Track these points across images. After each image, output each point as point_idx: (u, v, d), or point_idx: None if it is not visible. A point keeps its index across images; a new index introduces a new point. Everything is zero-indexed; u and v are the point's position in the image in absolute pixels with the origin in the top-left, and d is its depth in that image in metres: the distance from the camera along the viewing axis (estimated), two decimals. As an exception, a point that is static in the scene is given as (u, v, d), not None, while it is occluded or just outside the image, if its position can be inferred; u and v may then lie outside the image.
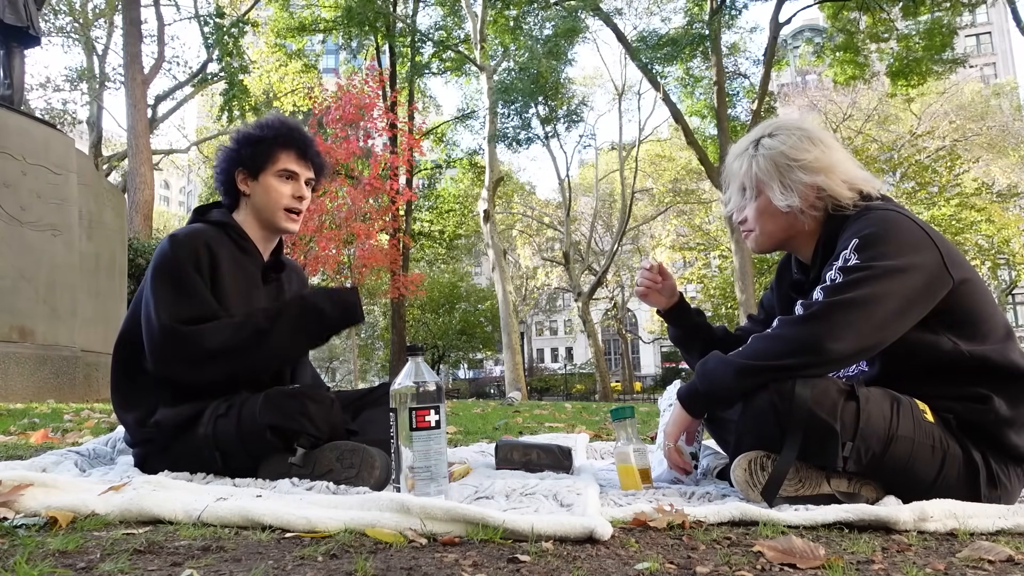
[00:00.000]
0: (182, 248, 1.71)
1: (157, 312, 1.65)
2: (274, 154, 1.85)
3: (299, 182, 1.88)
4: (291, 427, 1.59)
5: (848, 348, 1.38)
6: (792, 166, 1.58)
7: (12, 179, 5.09)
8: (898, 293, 1.39)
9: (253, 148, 1.85)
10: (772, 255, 12.06)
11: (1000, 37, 44.13)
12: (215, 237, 1.78)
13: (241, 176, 1.86)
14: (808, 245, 1.65)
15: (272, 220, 1.87)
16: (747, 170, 1.65)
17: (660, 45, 16.11)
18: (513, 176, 30.03)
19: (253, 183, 1.86)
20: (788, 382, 1.39)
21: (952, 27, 15.49)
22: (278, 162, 1.85)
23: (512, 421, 4.22)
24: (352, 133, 15.15)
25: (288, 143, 1.86)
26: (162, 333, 1.63)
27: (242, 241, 1.84)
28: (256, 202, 1.86)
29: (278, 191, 1.85)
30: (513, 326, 16.83)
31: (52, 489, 1.29)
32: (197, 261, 1.71)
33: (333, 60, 32.60)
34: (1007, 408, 1.44)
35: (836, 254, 1.49)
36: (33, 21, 5.76)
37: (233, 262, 1.79)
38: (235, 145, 1.87)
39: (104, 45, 20.47)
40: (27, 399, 4.71)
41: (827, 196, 1.57)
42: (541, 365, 45.13)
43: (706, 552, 1.11)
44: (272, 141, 1.85)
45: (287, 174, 1.86)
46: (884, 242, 1.43)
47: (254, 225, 1.88)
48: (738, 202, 1.71)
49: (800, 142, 1.59)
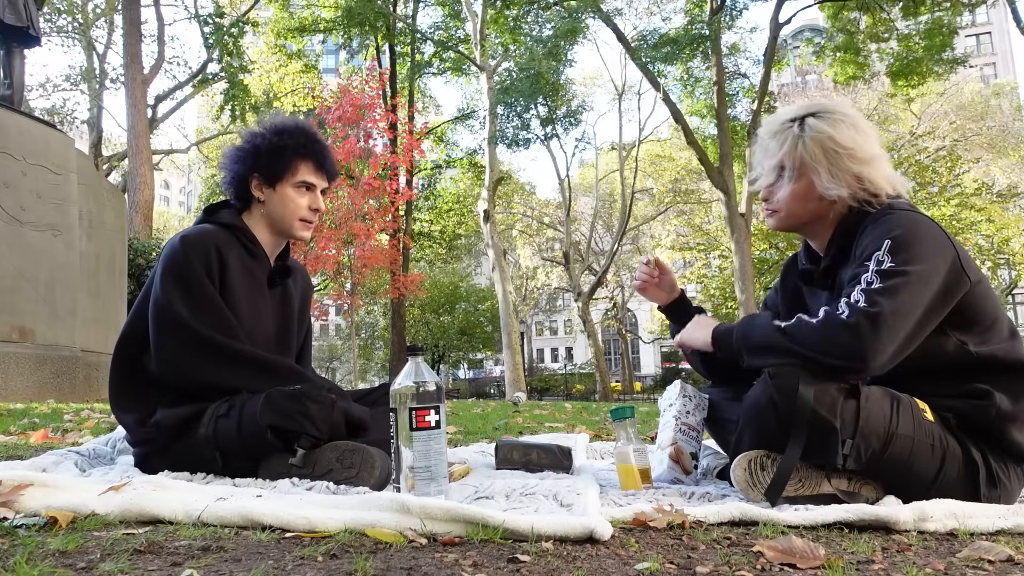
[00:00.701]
0: (193, 249, 1.71)
1: (177, 313, 1.65)
2: (293, 165, 1.83)
3: (316, 193, 1.88)
4: (292, 427, 1.59)
5: (887, 361, 1.38)
6: (841, 153, 1.53)
7: (12, 179, 5.09)
8: (929, 299, 1.39)
9: (272, 157, 1.82)
10: (772, 255, 12.14)
11: (1000, 37, 44.13)
12: (225, 240, 1.77)
13: (256, 182, 1.84)
14: (824, 234, 1.63)
15: (287, 229, 1.87)
16: (790, 150, 1.58)
17: (660, 45, 16.10)
18: (513, 176, 30.01)
19: (268, 191, 1.84)
20: (791, 380, 1.38)
21: (952, 27, 15.49)
22: (297, 173, 1.84)
23: (512, 421, 4.22)
24: (352, 133, 15.15)
25: (308, 154, 1.85)
26: (186, 333, 1.64)
27: (251, 245, 1.84)
28: (271, 210, 1.85)
29: (295, 202, 1.84)
30: (513, 326, 16.82)
31: (52, 489, 1.29)
32: (208, 263, 1.71)
33: (333, 60, 32.61)
34: (1009, 403, 1.44)
35: (862, 251, 1.46)
36: (33, 21, 5.76)
37: (241, 266, 1.79)
38: (251, 150, 1.84)
39: (104, 45, 20.49)
40: (27, 399, 4.71)
41: (867, 189, 1.54)
42: (541, 365, 45.12)
43: (706, 552, 1.11)
44: (292, 151, 1.83)
45: (305, 185, 1.85)
46: (916, 244, 1.42)
47: (265, 230, 1.87)
48: (770, 180, 1.65)
49: (849, 129, 1.55)
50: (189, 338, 1.65)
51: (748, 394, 1.51)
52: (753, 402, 1.47)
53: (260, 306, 1.83)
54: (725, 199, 15.48)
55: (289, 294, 1.95)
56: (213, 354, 1.67)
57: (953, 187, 21.34)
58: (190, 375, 1.68)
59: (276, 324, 1.89)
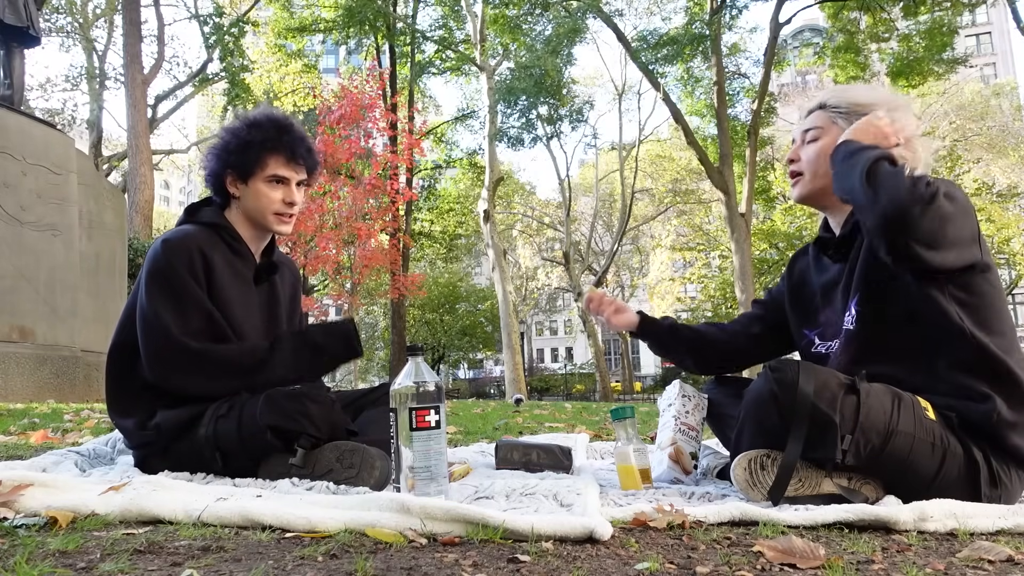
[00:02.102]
0: (175, 254, 1.68)
1: (164, 324, 1.64)
2: (263, 159, 1.79)
3: (290, 187, 1.83)
4: (292, 428, 1.59)
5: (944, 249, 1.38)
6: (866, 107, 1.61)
7: (12, 179, 5.09)
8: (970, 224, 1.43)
9: (242, 152, 1.79)
10: (772, 255, 12.16)
11: (1000, 37, 44.11)
12: (207, 240, 1.75)
13: (230, 179, 1.82)
14: (844, 208, 1.65)
15: (263, 224, 1.84)
16: (817, 115, 1.68)
17: (660, 45, 16.12)
18: (513, 176, 30.04)
19: (242, 187, 1.81)
20: (790, 374, 1.39)
21: (952, 27, 15.50)
22: (267, 168, 1.80)
23: (512, 421, 4.22)
24: (353, 133, 15.15)
25: (277, 147, 1.80)
26: (172, 346, 1.64)
27: (235, 243, 1.82)
28: (246, 206, 1.83)
29: (268, 197, 1.80)
30: (513, 326, 16.83)
31: (52, 489, 1.29)
32: (192, 267, 1.68)
33: (333, 60, 32.63)
34: (1009, 411, 1.44)
35: None
36: (33, 21, 5.76)
37: (227, 265, 1.77)
38: (223, 145, 1.82)
39: (104, 45, 20.50)
40: (27, 399, 4.71)
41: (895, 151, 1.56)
42: (541, 365, 45.13)
43: (706, 552, 1.11)
44: (260, 146, 1.79)
45: (277, 179, 1.81)
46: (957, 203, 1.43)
47: (245, 225, 1.85)
48: (798, 143, 1.72)
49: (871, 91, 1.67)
50: (176, 351, 1.64)
51: (749, 388, 1.52)
52: (754, 396, 1.48)
53: (249, 304, 1.81)
54: (725, 199, 15.49)
55: (276, 289, 1.93)
56: (201, 364, 1.65)
57: (953, 187, 21.30)
58: (181, 386, 1.67)
59: (265, 320, 1.87)
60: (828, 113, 1.67)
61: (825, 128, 1.66)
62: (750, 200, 15.43)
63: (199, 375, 1.66)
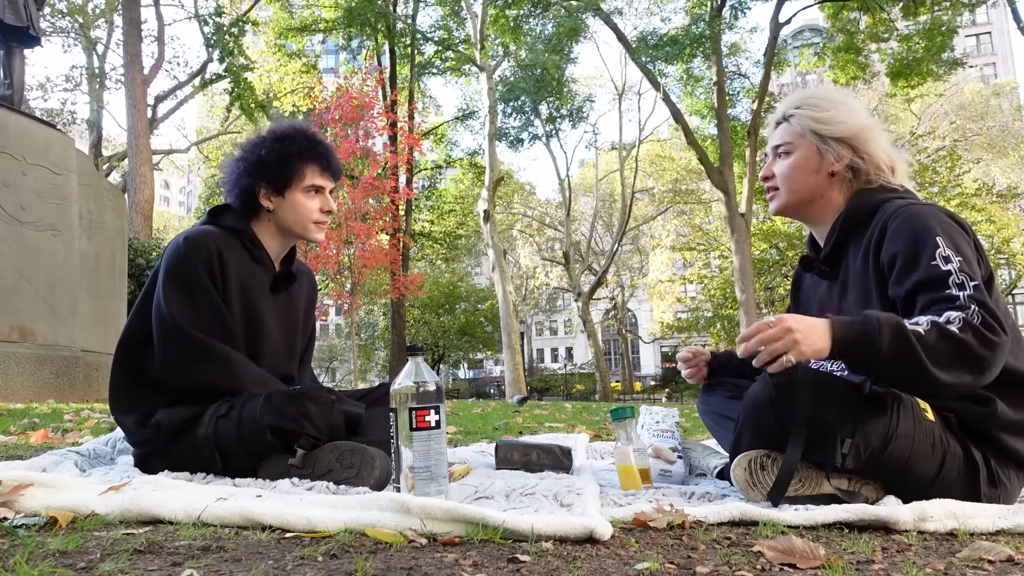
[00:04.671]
0: (195, 251, 1.71)
1: (172, 314, 1.66)
2: (300, 171, 1.84)
3: (325, 195, 1.89)
4: (291, 428, 1.59)
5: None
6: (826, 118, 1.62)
7: (12, 179, 5.09)
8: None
9: (277, 166, 1.82)
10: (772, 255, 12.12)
11: (1000, 37, 44.12)
12: (226, 242, 1.77)
13: (264, 192, 1.84)
14: (827, 217, 1.66)
15: (302, 233, 1.87)
16: (783, 130, 1.69)
17: (660, 45, 16.12)
18: (513, 176, 30.03)
19: (278, 199, 1.84)
20: (788, 379, 1.38)
21: (952, 27, 15.50)
22: (305, 178, 1.84)
23: (512, 421, 4.22)
24: (351, 132, 15.16)
25: (313, 157, 1.85)
26: (178, 336, 1.65)
27: (255, 250, 1.84)
28: (282, 217, 1.85)
29: (306, 207, 1.85)
30: (513, 326, 16.82)
31: (52, 489, 1.29)
32: (209, 265, 1.71)
33: (333, 60, 32.58)
34: (1010, 412, 1.44)
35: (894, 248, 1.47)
36: (33, 21, 5.77)
37: (243, 270, 1.79)
38: (256, 160, 1.83)
39: (104, 45, 20.49)
40: (27, 399, 4.71)
41: (863, 159, 1.59)
42: (541, 365, 45.13)
43: (706, 552, 1.11)
44: (297, 157, 1.83)
45: (314, 188, 1.86)
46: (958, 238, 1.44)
47: (274, 236, 1.87)
48: (770, 160, 1.73)
49: (830, 104, 1.64)
50: (188, 345, 1.66)
51: (747, 392, 1.51)
52: (752, 400, 1.47)
53: (262, 311, 1.82)
54: (725, 199, 15.50)
55: (294, 299, 1.95)
56: (210, 359, 1.67)
57: (953, 187, 21.34)
58: (190, 380, 1.68)
59: (281, 329, 1.89)
60: (793, 126, 1.67)
61: (795, 143, 1.67)
62: (750, 200, 15.43)
63: (208, 370, 1.68)
